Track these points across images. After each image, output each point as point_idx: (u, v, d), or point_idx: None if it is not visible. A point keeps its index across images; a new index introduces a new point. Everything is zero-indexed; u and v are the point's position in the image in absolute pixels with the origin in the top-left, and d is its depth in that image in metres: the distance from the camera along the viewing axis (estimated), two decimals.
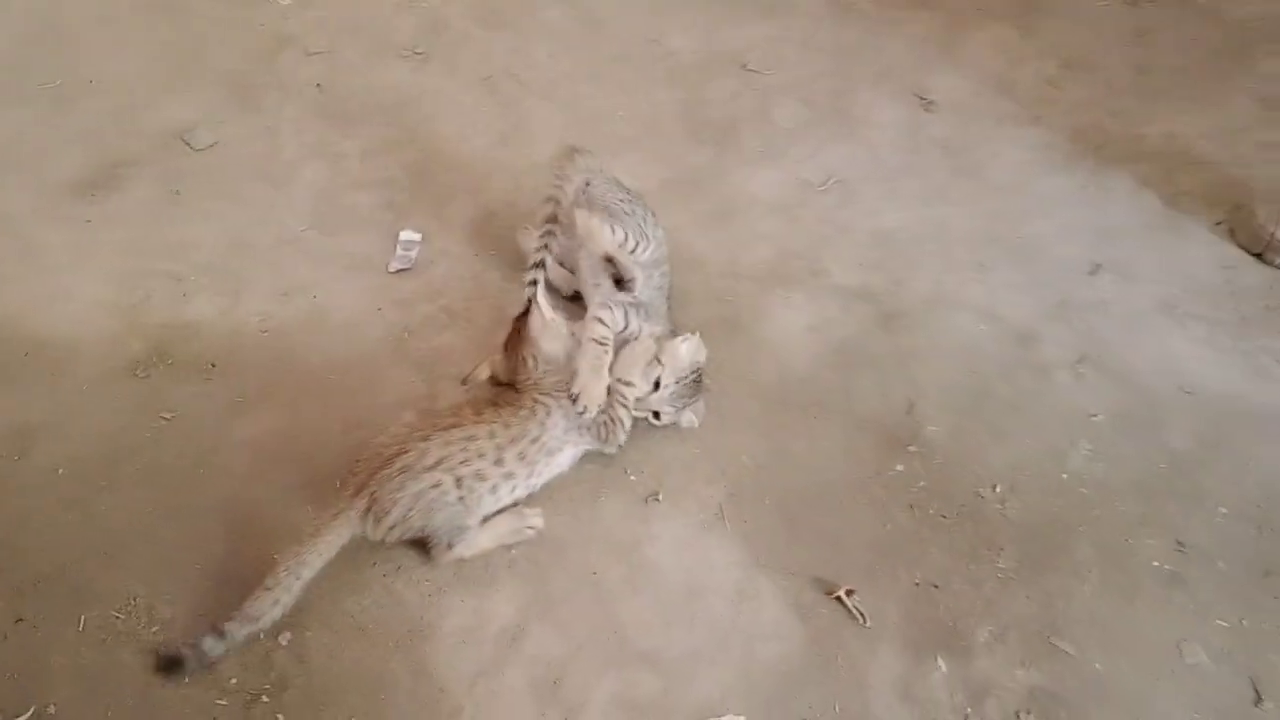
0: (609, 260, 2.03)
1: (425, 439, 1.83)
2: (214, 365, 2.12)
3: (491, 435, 1.85)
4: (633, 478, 2.02)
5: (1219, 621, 1.89)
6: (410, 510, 1.81)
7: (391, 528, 1.82)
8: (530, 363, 1.95)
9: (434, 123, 2.54)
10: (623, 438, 1.99)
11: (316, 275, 2.26)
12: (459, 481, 1.83)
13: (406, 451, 1.81)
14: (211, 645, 1.71)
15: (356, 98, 2.58)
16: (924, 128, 2.58)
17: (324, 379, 2.11)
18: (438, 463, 1.81)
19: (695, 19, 2.79)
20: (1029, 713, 1.79)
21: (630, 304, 2.07)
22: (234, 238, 2.31)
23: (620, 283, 2.05)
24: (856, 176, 2.49)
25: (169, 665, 1.71)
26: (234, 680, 1.76)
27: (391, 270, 2.27)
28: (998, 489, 2.02)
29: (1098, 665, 1.84)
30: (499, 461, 1.85)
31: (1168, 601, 1.91)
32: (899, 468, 2.05)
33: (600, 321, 1.99)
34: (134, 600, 1.83)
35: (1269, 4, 2.85)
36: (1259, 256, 2.35)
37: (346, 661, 1.79)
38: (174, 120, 2.51)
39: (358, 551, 1.89)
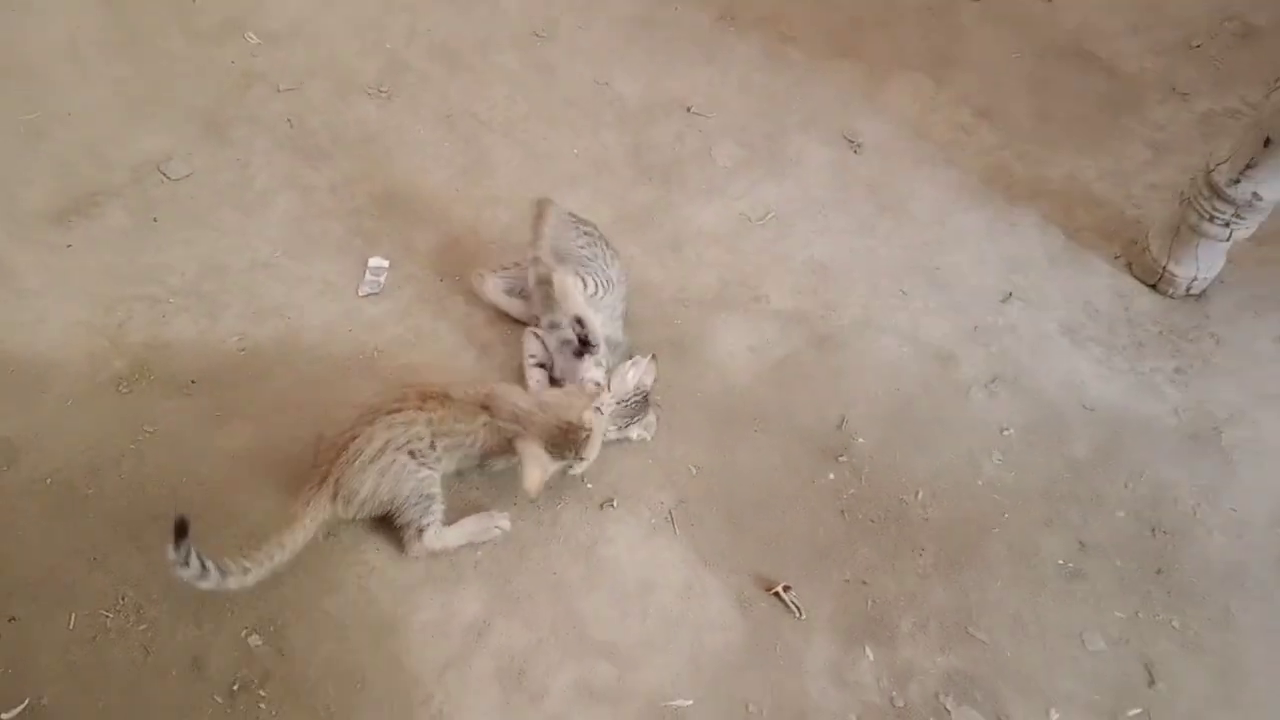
0: (578, 321, 2.18)
1: (370, 423, 1.97)
2: (194, 382, 2.23)
3: (429, 423, 1.99)
4: (589, 486, 2.18)
5: (1117, 613, 2.11)
6: (378, 486, 1.95)
7: (363, 504, 1.97)
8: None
9: (398, 157, 2.69)
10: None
11: (289, 298, 2.39)
12: (413, 454, 1.97)
13: (356, 437, 1.96)
14: (193, 563, 1.80)
15: (325, 133, 2.72)
16: (851, 168, 2.79)
17: (298, 394, 2.24)
18: (385, 444, 1.95)
19: (642, 66, 2.98)
20: (947, 694, 1.98)
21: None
22: (210, 263, 2.43)
23: (585, 343, 2.19)
24: (791, 211, 2.69)
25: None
26: (219, 673, 1.88)
27: (361, 294, 2.41)
28: (920, 495, 2.22)
29: (1008, 651, 2.04)
30: (433, 445, 2.00)
31: (1071, 595, 2.12)
32: (831, 476, 2.24)
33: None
34: (122, 600, 1.94)
35: (1158, 59, 3.13)
36: (1153, 287, 2.59)
37: (324, 654, 1.92)
38: (150, 152, 2.62)
39: (333, 554, 2.03)
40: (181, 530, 1.77)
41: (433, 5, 3.05)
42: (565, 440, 2.02)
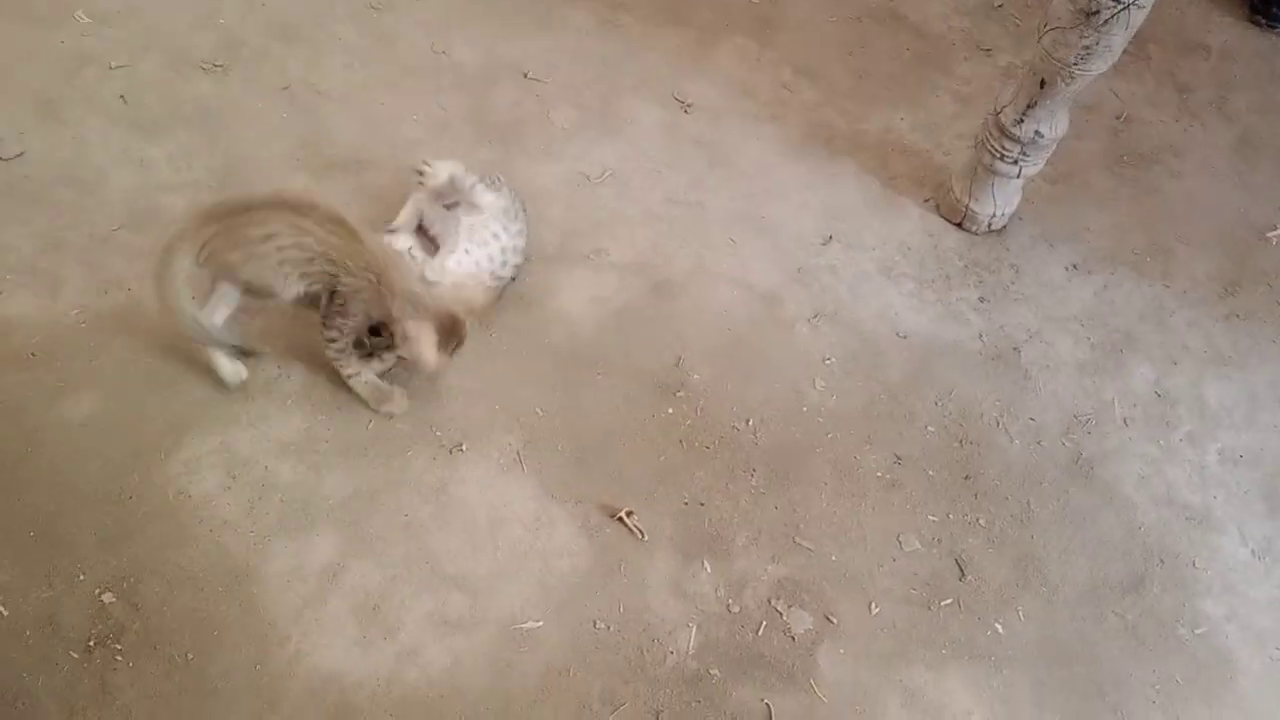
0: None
1: (273, 210, 2.07)
2: (34, 355, 2.24)
3: (321, 243, 2.08)
4: (438, 433, 2.27)
5: (930, 517, 2.31)
6: (245, 264, 2.07)
7: (219, 268, 2.10)
8: None
9: (237, 129, 2.71)
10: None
11: (131, 270, 2.39)
12: (283, 262, 2.07)
13: (250, 210, 2.07)
14: None
15: (160, 108, 2.72)
16: (682, 127, 2.94)
17: (144, 363, 2.26)
18: (269, 236, 2.05)
19: (479, 34, 3.06)
20: (779, 598, 2.15)
21: None
22: (47, 240, 2.42)
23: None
24: (627, 170, 2.82)
25: None
26: (74, 630, 1.92)
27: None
28: (750, 422, 2.39)
29: (833, 557, 2.22)
30: (310, 264, 2.10)
31: (888, 503, 2.31)
32: (670, 410, 2.38)
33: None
34: None
35: (963, 19, 3.37)
36: (959, 225, 2.81)
37: (179, 606, 1.97)
38: None
39: (184, 509, 2.08)
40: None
41: None
42: (450, 331, 2.18)
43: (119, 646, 1.91)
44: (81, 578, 1.98)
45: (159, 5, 2.97)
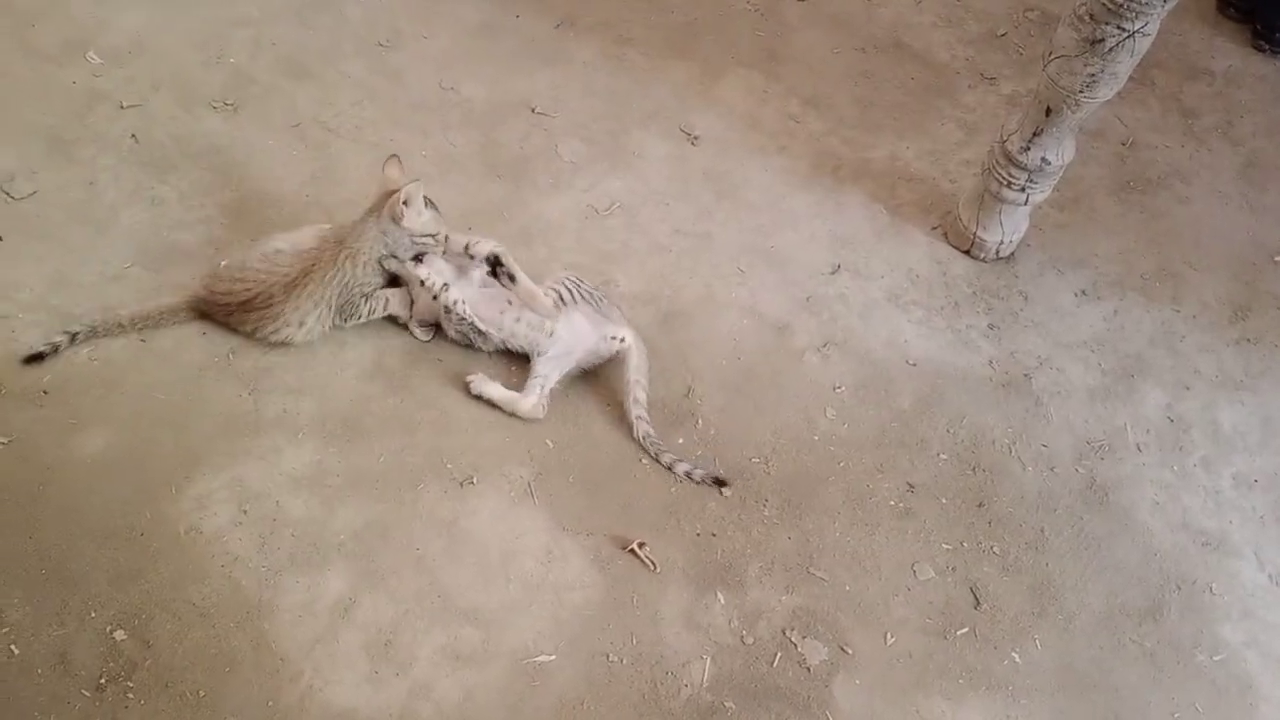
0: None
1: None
2: (46, 393, 2.24)
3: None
4: (449, 466, 2.27)
5: (944, 544, 2.30)
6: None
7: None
8: None
9: (248, 166, 2.73)
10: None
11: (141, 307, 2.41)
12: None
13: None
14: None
15: (171, 146, 2.74)
16: (689, 159, 2.96)
17: (154, 398, 2.26)
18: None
19: (486, 70, 3.09)
20: (793, 629, 2.13)
21: None
22: (59, 277, 2.43)
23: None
24: (635, 202, 2.84)
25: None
26: (85, 668, 1.91)
27: None
28: (762, 451, 2.37)
29: (847, 586, 2.21)
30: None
31: (902, 532, 2.30)
32: (681, 440, 2.38)
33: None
34: None
35: (967, 48, 3.40)
36: (966, 253, 2.81)
37: (191, 642, 1.96)
38: None
39: (195, 545, 2.07)
40: None
41: (276, 19, 3.11)
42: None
43: (131, 684, 1.90)
44: (93, 615, 1.97)
45: (168, 45, 3.00)
